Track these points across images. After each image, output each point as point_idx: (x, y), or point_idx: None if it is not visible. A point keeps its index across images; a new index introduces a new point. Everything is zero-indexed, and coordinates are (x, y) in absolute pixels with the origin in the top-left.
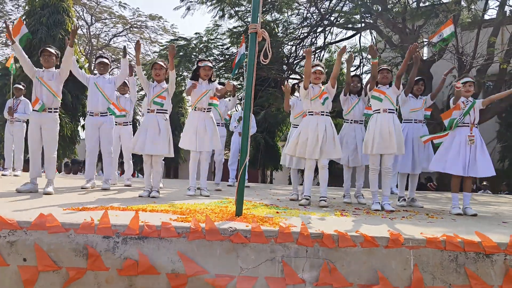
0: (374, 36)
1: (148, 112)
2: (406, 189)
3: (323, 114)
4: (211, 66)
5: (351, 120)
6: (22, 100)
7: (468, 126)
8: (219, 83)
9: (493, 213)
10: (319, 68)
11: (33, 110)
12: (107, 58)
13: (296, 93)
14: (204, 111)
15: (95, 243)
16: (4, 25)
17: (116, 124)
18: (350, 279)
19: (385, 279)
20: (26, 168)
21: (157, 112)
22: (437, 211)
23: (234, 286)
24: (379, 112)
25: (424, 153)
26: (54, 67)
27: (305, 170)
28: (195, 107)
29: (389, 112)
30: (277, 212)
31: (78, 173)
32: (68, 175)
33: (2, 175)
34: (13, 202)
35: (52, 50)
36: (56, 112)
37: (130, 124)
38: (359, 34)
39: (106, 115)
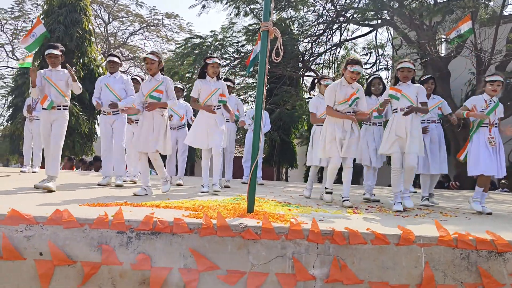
0: (390, 33)
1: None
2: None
3: (349, 113)
4: (219, 63)
5: (370, 123)
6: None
7: (487, 127)
8: (225, 80)
9: (509, 211)
10: (358, 68)
11: (42, 108)
12: (118, 57)
13: (315, 91)
14: (214, 109)
15: (109, 238)
16: (24, 24)
17: (129, 124)
18: (361, 276)
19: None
20: (44, 165)
21: None
22: (451, 209)
23: (245, 282)
24: (397, 111)
25: (441, 155)
26: (60, 66)
27: (330, 166)
28: (205, 105)
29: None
30: (289, 209)
31: (99, 170)
32: (85, 171)
33: (21, 171)
34: (30, 197)
35: (57, 52)
36: (66, 109)
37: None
38: (375, 31)
39: (119, 113)
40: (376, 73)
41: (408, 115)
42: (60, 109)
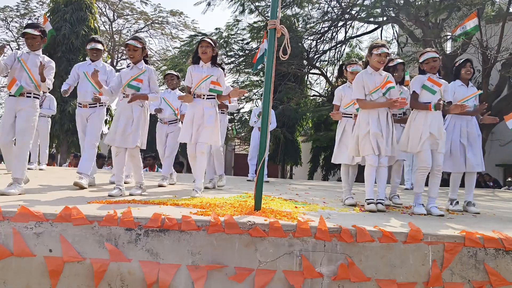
0: (396, 30)
1: (124, 97)
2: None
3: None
4: (209, 42)
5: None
6: (48, 96)
7: None
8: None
9: None
10: (385, 50)
11: (9, 95)
12: (101, 43)
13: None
14: (203, 98)
15: (118, 235)
16: (29, 22)
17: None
18: (368, 274)
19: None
20: (50, 163)
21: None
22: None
23: (253, 279)
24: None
25: (475, 150)
26: (40, 50)
27: (366, 169)
28: (194, 94)
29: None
30: (296, 207)
31: (102, 167)
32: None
33: (28, 169)
34: (39, 195)
35: (34, 32)
36: (36, 98)
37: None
38: (380, 28)
39: (96, 106)
40: (400, 58)
41: (440, 109)
42: (30, 97)
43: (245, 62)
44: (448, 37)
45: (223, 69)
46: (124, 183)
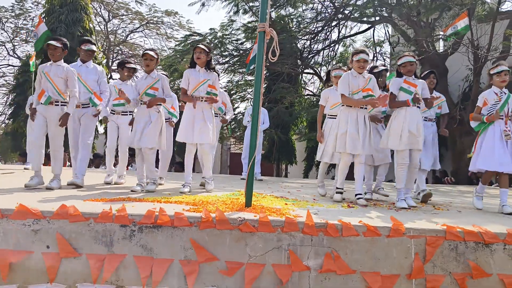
0: (388, 30)
1: (141, 104)
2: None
3: (363, 107)
4: (203, 48)
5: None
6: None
7: (503, 119)
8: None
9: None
10: (363, 56)
11: (40, 103)
12: (95, 44)
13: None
14: (201, 101)
15: (113, 231)
16: (24, 22)
17: (113, 114)
18: (353, 267)
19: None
20: (47, 163)
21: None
22: (444, 203)
23: (243, 273)
24: (408, 106)
25: (433, 152)
26: (62, 60)
27: (341, 164)
28: (192, 96)
29: (417, 106)
30: (286, 204)
31: (100, 167)
32: (88, 168)
33: (25, 168)
34: (36, 193)
35: (56, 44)
36: (64, 105)
37: (130, 114)
38: (373, 28)
39: (88, 106)
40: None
41: (418, 107)
42: (58, 105)
43: (239, 62)
44: (440, 36)
45: (218, 73)
46: (115, 183)
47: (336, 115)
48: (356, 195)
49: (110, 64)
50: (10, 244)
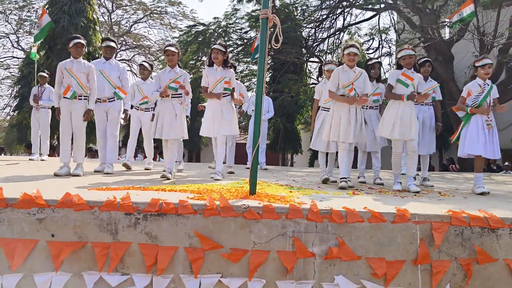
0: (393, 17)
1: (163, 96)
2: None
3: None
4: (219, 48)
5: (366, 106)
6: (47, 87)
7: (489, 111)
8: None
9: (506, 191)
10: (353, 49)
11: (64, 97)
12: (114, 41)
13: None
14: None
15: (118, 219)
16: (28, 14)
17: (137, 110)
18: (358, 253)
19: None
20: (51, 153)
21: (172, 97)
22: (450, 189)
23: (248, 259)
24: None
25: (430, 137)
26: (82, 57)
27: (339, 152)
28: (212, 93)
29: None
30: (291, 191)
31: None
32: (93, 159)
33: (30, 159)
34: (41, 183)
35: (83, 42)
36: (86, 100)
37: (152, 111)
38: (378, 15)
39: (114, 100)
40: (378, 59)
41: (412, 100)
42: (81, 99)
43: (243, 51)
44: (445, 23)
45: (235, 67)
46: (147, 169)
47: (330, 108)
48: (340, 178)
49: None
50: (15, 233)
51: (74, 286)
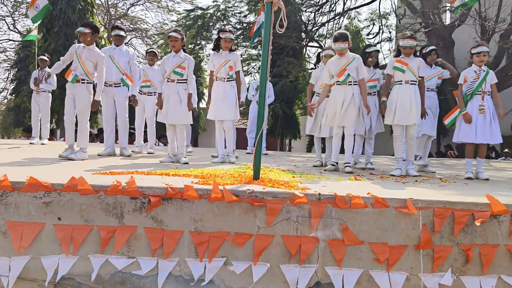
0: (394, 1)
1: (168, 81)
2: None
3: (350, 84)
4: (232, 38)
5: None
6: (47, 71)
7: (480, 94)
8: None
9: (507, 178)
10: (338, 46)
11: (68, 81)
12: (124, 30)
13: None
14: (224, 81)
15: (124, 203)
16: None
17: (141, 94)
18: (361, 238)
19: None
20: (50, 137)
21: (177, 82)
22: (451, 176)
23: (253, 243)
24: (401, 84)
25: (431, 121)
26: (94, 45)
27: (333, 137)
28: (216, 77)
29: (411, 84)
30: (293, 177)
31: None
32: (91, 143)
33: (30, 143)
34: (44, 167)
35: (84, 29)
36: (90, 84)
37: (154, 95)
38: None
39: (120, 86)
40: (378, 44)
41: (413, 84)
42: (84, 83)
43: (242, 35)
44: (447, 8)
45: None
46: (149, 153)
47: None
48: (344, 163)
49: (110, 38)
50: (22, 216)
51: (80, 268)
